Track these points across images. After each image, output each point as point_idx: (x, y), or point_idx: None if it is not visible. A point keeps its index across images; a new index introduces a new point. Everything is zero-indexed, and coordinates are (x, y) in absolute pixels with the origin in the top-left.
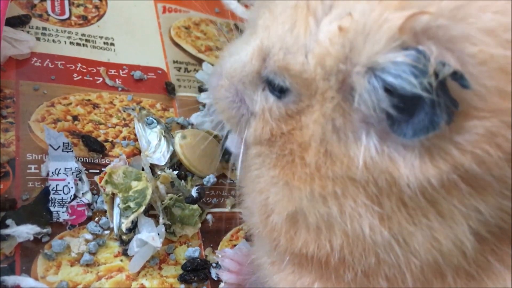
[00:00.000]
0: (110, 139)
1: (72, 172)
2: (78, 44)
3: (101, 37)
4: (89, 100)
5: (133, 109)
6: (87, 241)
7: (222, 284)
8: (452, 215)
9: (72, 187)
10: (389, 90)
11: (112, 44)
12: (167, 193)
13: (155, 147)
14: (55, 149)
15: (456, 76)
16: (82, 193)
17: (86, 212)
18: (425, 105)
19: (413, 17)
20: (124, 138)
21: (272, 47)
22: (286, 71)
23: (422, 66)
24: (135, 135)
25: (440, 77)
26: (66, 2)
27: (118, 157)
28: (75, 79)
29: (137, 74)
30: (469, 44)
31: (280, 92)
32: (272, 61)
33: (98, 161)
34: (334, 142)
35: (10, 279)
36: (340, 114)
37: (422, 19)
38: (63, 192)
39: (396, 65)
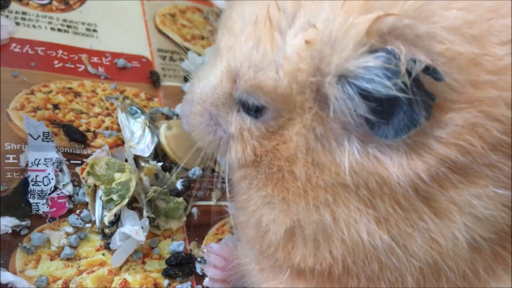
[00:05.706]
0: (92, 129)
1: (53, 163)
2: (59, 30)
3: (83, 23)
4: (70, 88)
5: (116, 98)
6: (67, 234)
7: (206, 279)
8: (447, 212)
9: (52, 178)
10: (364, 95)
11: (94, 30)
12: (151, 186)
13: (139, 138)
14: (35, 139)
15: (429, 70)
16: (63, 185)
17: (66, 204)
18: (403, 105)
19: (378, 19)
20: (106, 128)
21: (240, 67)
22: (259, 89)
23: (394, 66)
24: (118, 125)
25: (413, 74)
26: None
27: (100, 147)
28: (56, 66)
29: (121, 62)
30: (435, 43)
31: (256, 111)
32: (242, 81)
33: (80, 151)
34: (319, 151)
35: None
36: (319, 123)
37: (387, 20)
38: (43, 183)
39: (368, 70)
